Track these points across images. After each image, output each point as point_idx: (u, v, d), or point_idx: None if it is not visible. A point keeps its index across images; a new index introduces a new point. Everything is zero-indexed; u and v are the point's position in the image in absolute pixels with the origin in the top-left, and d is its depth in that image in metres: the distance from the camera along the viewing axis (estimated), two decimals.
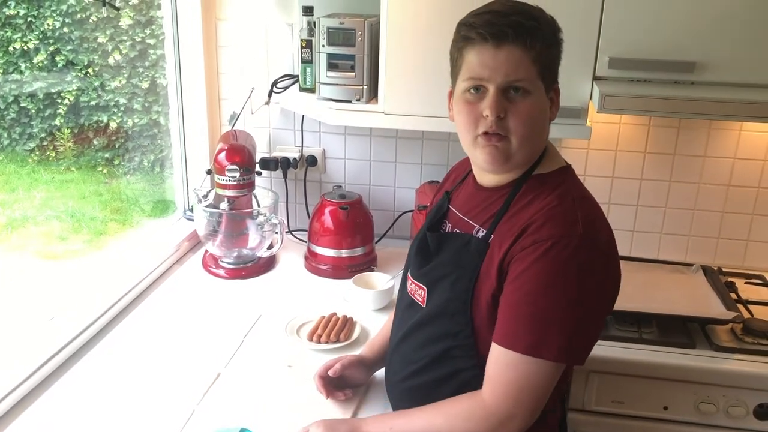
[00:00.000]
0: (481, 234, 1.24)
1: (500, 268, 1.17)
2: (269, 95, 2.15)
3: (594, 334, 1.20)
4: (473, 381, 1.22)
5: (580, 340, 1.15)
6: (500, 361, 1.15)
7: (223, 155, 1.96)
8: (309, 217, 2.19)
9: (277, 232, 2.04)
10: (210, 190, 2.08)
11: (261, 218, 2.03)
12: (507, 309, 1.15)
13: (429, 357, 1.29)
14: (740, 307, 1.86)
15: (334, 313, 1.78)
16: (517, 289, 1.14)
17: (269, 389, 1.52)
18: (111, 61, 3.86)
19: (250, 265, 2.06)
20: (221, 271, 2.03)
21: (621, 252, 2.08)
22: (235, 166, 1.93)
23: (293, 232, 2.29)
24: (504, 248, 1.17)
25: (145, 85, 3.79)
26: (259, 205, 2.11)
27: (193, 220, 2.13)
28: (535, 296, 1.12)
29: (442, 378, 1.28)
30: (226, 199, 2.00)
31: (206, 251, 2.09)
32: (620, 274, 1.22)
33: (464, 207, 1.32)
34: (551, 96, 1.22)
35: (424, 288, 1.31)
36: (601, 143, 2.09)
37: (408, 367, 1.33)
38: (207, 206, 2.01)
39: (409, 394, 1.35)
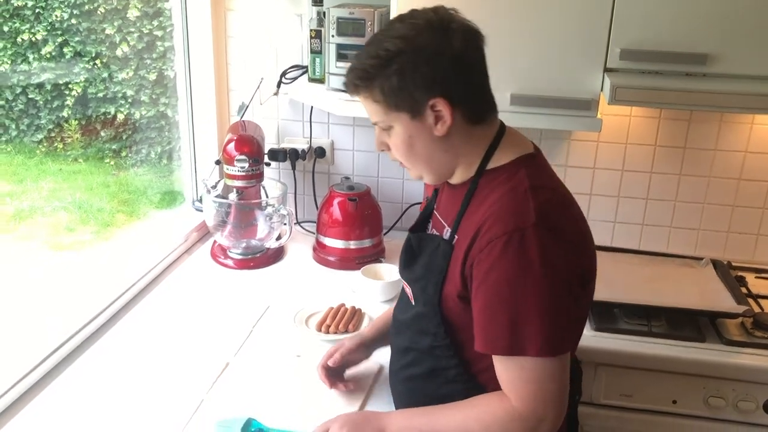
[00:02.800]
0: (447, 235, 1.24)
1: (462, 271, 1.17)
2: (278, 86, 2.15)
3: (575, 320, 1.20)
4: (458, 378, 1.25)
5: (561, 329, 1.13)
6: (499, 368, 1.16)
7: (232, 146, 1.95)
8: (317, 208, 2.18)
9: (285, 224, 2.04)
10: (219, 181, 2.08)
11: (269, 209, 2.02)
12: (480, 315, 1.15)
13: (417, 352, 1.31)
14: (750, 301, 1.85)
15: (343, 304, 1.78)
16: (485, 294, 1.13)
17: (277, 379, 1.52)
18: (119, 52, 3.86)
19: (258, 255, 2.06)
20: (230, 262, 2.03)
21: (630, 245, 2.14)
22: (244, 157, 1.92)
23: (301, 224, 2.29)
24: (464, 249, 1.16)
25: (153, 77, 3.79)
26: (267, 196, 2.10)
27: (201, 210, 2.13)
28: (503, 298, 1.11)
29: (427, 373, 1.30)
30: (234, 190, 2.00)
31: (215, 242, 2.09)
32: (591, 258, 1.21)
33: (441, 206, 1.33)
34: (427, 113, 1.15)
35: (410, 287, 1.34)
36: (610, 136, 2.08)
37: (402, 358, 1.36)
38: (216, 197, 2.01)
39: (402, 384, 1.38)
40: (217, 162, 2.11)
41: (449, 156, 1.21)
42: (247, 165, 1.94)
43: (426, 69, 1.13)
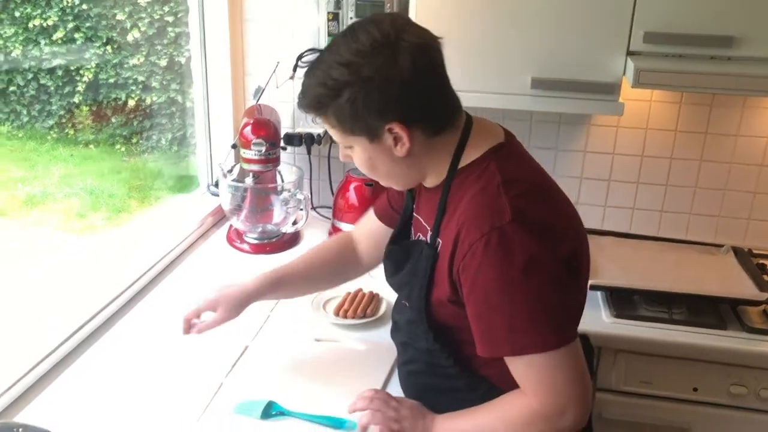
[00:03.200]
0: (429, 238, 1.22)
1: (451, 278, 1.16)
2: (294, 69, 2.12)
3: (573, 307, 1.18)
4: (458, 375, 1.25)
5: (558, 321, 1.11)
6: (510, 368, 1.15)
7: (248, 129, 1.94)
8: (333, 193, 2.17)
9: (302, 209, 2.03)
10: (234, 165, 2.07)
11: (286, 194, 2.01)
12: (476, 323, 1.14)
13: (415, 350, 1.32)
14: None
15: (360, 289, 1.77)
16: (475, 302, 1.12)
17: (296, 363, 1.51)
18: (129, 38, 3.84)
19: (274, 240, 2.05)
20: (246, 246, 2.02)
21: (648, 232, 2.12)
22: (260, 140, 1.91)
23: (317, 209, 2.27)
24: (448, 255, 1.15)
25: (164, 63, 3.77)
26: (283, 181, 2.09)
27: (217, 195, 2.12)
28: (493, 304, 1.10)
29: (427, 370, 1.30)
30: (251, 174, 1.99)
31: (231, 226, 2.08)
32: (578, 242, 1.19)
33: (420, 207, 1.31)
34: (385, 136, 1.13)
35: (398, 293, 1.35)
36: (630, 121, 2.06)
37: (403, 354, 1.39)
38: (232, 181, 2.00)
39: (405, 378, 1.39)
40: (233, 146, 2.10)
41: (414, 170, 1.20)
42: (263, 149, 1.92)
43: (377, 96, 1.09)
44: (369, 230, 1.52)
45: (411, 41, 1.10)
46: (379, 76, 1.08)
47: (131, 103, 3.97)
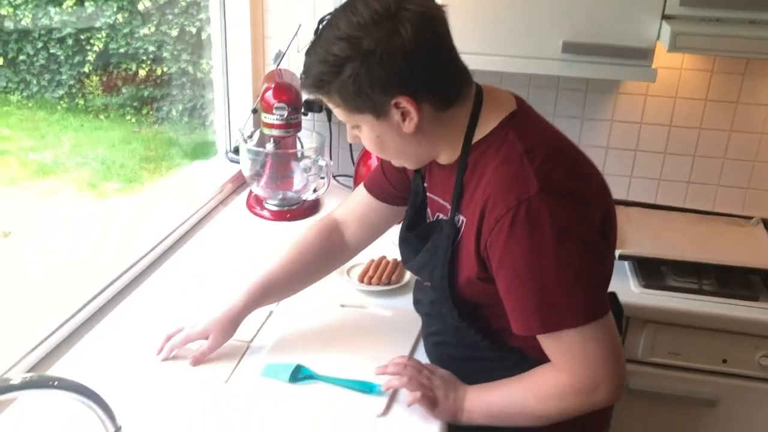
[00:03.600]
0: (449, 216, 1.18)
1: (478, 254, 1.11)
2: (316, 33, 2.08)
3: (604, 277, 1.14)
4: (486, 347, 1.21)
5: (593, 292, 1.07)
6: (545, 347, 1.11)
7: (270, 93, 1.90)
8: (353, 162, 2.13)
9: (323, 177, 1.99)
10: (254, 131, 2.03)
11: (307, 161, 1.98)
12: (507, 299, 1.10)
13: (441, 324, 1.29)
14: None
15: (384, 257, 1.74)
16: (505, 278, 1.08)
17: (322, 328, 1.49)
18: (140, 7, 3.79)
19: (295, 208, 2.02)
20: (266, 213, 1.99)
21: (675, 203, 2.08)
22: (283, 104, 1.87)
23: (337, 177, 2.24)
24: (474, 231, 1.10)
25: (174, 33, 3.73)
26: (303, 147, 2.05)
27: (236, 162, 2.08)
28: (524, 280, 1.06)
29: (454, 343, 1.27)
30: (271, 140, 1.95)
31: (250, 192, 2.05)
32: (607, 204, 1.14)
33: (435, 186, 1.25)
34: (392, 112, 1.08)
35: (419, 276, 1.31)
36: (660, 90, 2.01)
37: (429, 325, 1.35)
38: (252, 147, 1.97)
39: (432, 348, 1.36)
40: (254, 111, 2.06)
41: (425, 146, 1.15)
42: (285, 113, 1.88)
43: (380, 71, 1.04)
44: (358, 211, 1.44)
45: (412, 11, 1.04)
46: (381, 49, 1.03)
47: (142, 73, 3.94)
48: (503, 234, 1.05)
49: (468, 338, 1.23)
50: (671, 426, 1.78)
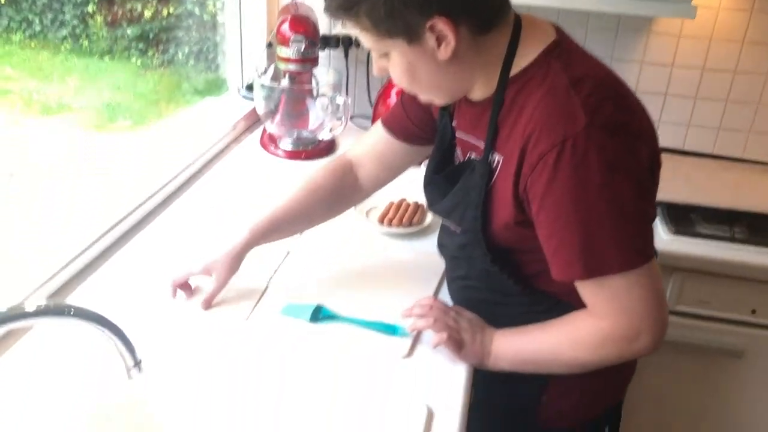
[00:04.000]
0: (482, 155, 1.09)
1: (517, 196, 1.02)
2: None
3: (650, 219, 1.04)
4: (517, 292, 1.15)
5: (640, 236, 0.99)
6: (581, 291, 1.04)
7: (286, 26, 1.81)
8: (371, 102, 2.05)
9: (339, 117, 1.91)
10: (268, 67, 1.95)
11: (323, 99, 1.90)
12: (548, 243, 1.01)
13: (469, 268, 1.21)
14: None
15: (404, 199, 1.67)
16: (547, 220, 0.99)
17: (341, 269, 1.43)
18: None
19: (310, 148, 1.95)
20: (280, 152, 1.92)
21: (704, 150, 2.00)
22: (300, 37, 1.78)
23: (353, 118, 2.16)
24: (512, 171, 1.01)
25: None
26: (318, 84, 1.97)
27: (250, 99, 2.01)
28: (567, 221, 0.97)
29: (483, 287, 1.20)
30: (286, 75, 1.87)
31: (264, 131, 1.97)
32: (655, 138, 1.04)
33: (464, 124, 1.16)
34: (426, 36, 0.99)
35: (447, 220, 1.22)
36: (694, 30, 1.92)
37: (455, 269, 1.27)
38: (267, 82, 1.89)
39: (458, 292, 1.29)
40: (269, 44, 1.98)
41: (460, 77, 1.06)
42: (302, 46, 1.80)
43: None
44: (375, 150, 1.36)
45: None
46: None
47: (147, 14, 3.83)
48: (547, 172, 0.96)
49: (499, 283, 1.17)
50: (696, 376, 1.74)
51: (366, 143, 1.38)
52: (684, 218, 1.71)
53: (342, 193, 1.38)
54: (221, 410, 1.06)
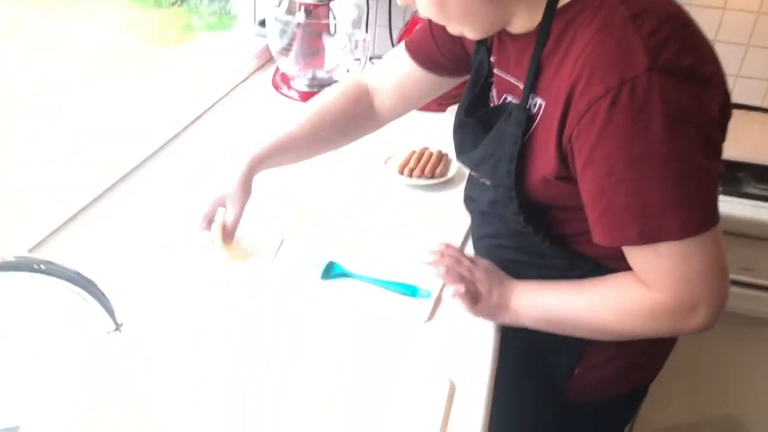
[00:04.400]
0: (520, 99, 0.94)
1: (560, 147, 0.88)
2: None
3: (716, 178, 0.88)
4: (550, 252, 1.01)
5: (705, 197, 0.85)
6: (630, 257, 0.90)
7: None
8: (393, 42, 1.90)
9: (358, 58, 1.77)
10: (282, 0, 1.80)
11: (341, 37, 1.75)
12: (594, 203, 0.87)
13: (498, 225, 1.09)
14: None
15: (426, 148, 1.54)
16: (595, 176, 0.85)
17: (355, 223, 1.32)
18: None
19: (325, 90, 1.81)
20: (293, 93, 1.79)
21: (753, 102, 1.85)
22: None
23: (372, 59, 2.01)
24: (557, 119, 0.87)
25: None
26: (335, 19, 1.82)
27: (263, 36, 1.86)
28: (620, 178, 0.82)
29: (512, 248, 1.08)
30: (302, 8, 1.72)
31: (277, 71, 1.84)
32: (726, 90, 0.88)
33: (503, 62, 1.01)
34: None
35: (476, 171, 1.09)
36: None
37: (483, 227, 1.15)
38: (281, 16, 1.74)
39: (486, 252, 1.15)
40: None
41: (497, 6, 0.90)
42: None
43: None
44: (395, 77, 1.21)
45: None
46: None
47: None
48: (598, 122, 0.82)
49: (532, 244, 1.03)
50: (736, 347, 1.63)
51: (386, 67, 1.24)
52: (732, 177, 1.57)
53: (355, 120, 1.24)
54: (222, 376, 0.95)
